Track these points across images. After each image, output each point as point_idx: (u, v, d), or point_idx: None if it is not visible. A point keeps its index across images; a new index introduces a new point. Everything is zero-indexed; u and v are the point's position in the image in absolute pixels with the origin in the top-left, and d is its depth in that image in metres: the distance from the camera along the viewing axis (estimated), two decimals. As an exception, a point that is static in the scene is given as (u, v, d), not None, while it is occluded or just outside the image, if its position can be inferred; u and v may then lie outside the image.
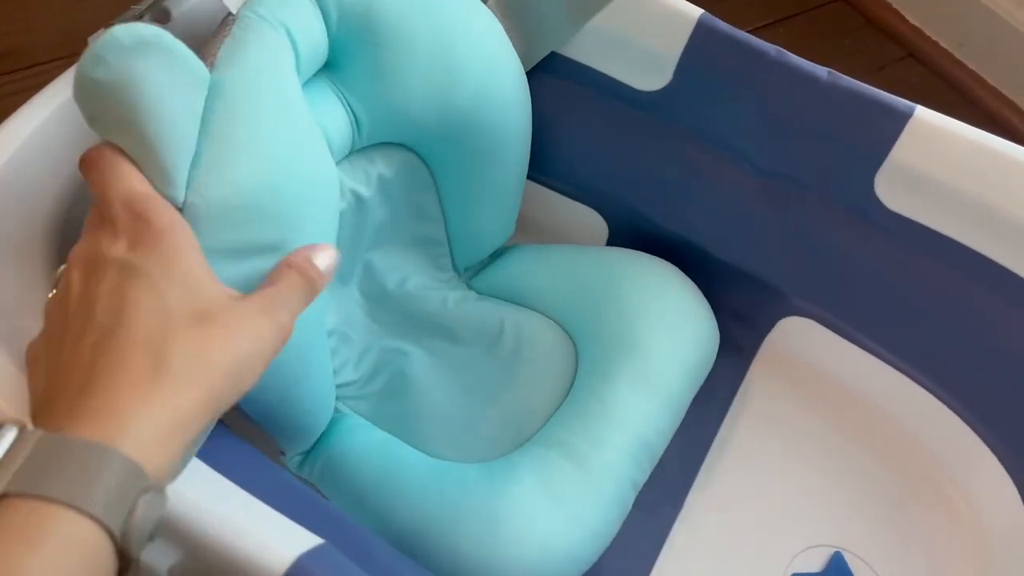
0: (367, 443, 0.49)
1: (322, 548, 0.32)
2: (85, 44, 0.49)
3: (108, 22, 0.50)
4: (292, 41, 0.42)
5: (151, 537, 0.27)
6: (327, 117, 0.47)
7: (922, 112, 0.50)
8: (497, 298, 0.59)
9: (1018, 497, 0.54)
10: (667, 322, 0.54)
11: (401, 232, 0.56)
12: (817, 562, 0.54)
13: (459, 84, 0.49)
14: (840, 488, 0.57)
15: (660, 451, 0.51)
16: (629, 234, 0.63)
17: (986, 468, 0.56)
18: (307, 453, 0.49)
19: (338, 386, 0.52)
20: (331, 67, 0.48)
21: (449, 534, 0.45)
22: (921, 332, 0.56)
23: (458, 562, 0.44)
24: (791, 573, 0.53)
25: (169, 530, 0.31)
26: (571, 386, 0.53)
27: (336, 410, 0.51)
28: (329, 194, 0.43)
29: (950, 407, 0.57)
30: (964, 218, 0.50)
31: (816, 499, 0.57)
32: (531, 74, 0.55)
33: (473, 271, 0.60)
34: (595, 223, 0.64)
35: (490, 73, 0.51)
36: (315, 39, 0.44)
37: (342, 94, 0.48)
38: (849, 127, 0.51)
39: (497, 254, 0.61)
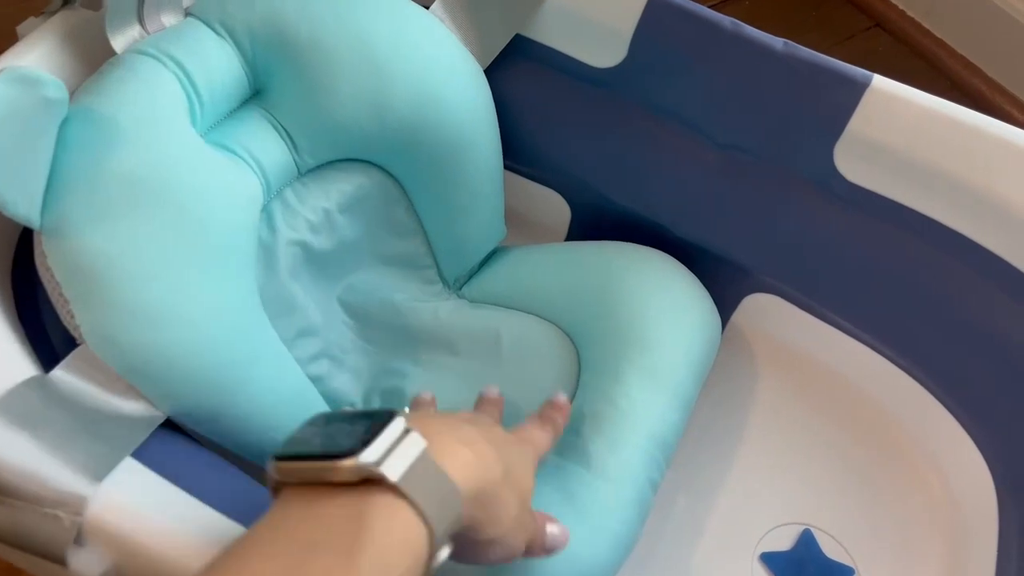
0: None
1: None
2: (14, 36, 0.47)
3: (38, 11, 0.49)
4: (187, 77, 0.42)
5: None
6: (259, 147, 0.46)
7: (880, 81, 0.49)
8: (491, 304, 0.57)
9: (987, 471, 0.54)
10: (670, 314, 0.52)
11: (381, 249, 0.54)
12: (787, 540, 0.54)
13: (393, 88, 0.48)
14: (810, 465, 0.57)
15: (674, 447, 0.50)
16: (592, 215, 0.62)
17: (956, 442, 0.55)
18: None
19: None
20: (260, 94, 0.47)
21: None
22: (886, 305, 0.55)
23: None
24: (760, 552, 0.53)
25: (101, 536, 0.30)
26: (576, 388, 0.52)
27: None
28: (221, 237, 0.41)
29: (918, 380, 0.57)
30: (924, 188, 0.50)
31: (785, 477, 0.56)
32: (486, 55, 0.54)
33: (463, 280, 0.58)
34: (558, 205, 0.63)
35: (427, 73, 0.49)
36: (226, 71, 0.44)
37: (275, 119, 0.47)
38: (806, 98, 0.50)
39: (487, 258, 0.59)
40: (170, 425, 0.39)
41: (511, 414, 0.51)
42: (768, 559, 0.53)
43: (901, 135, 0.49)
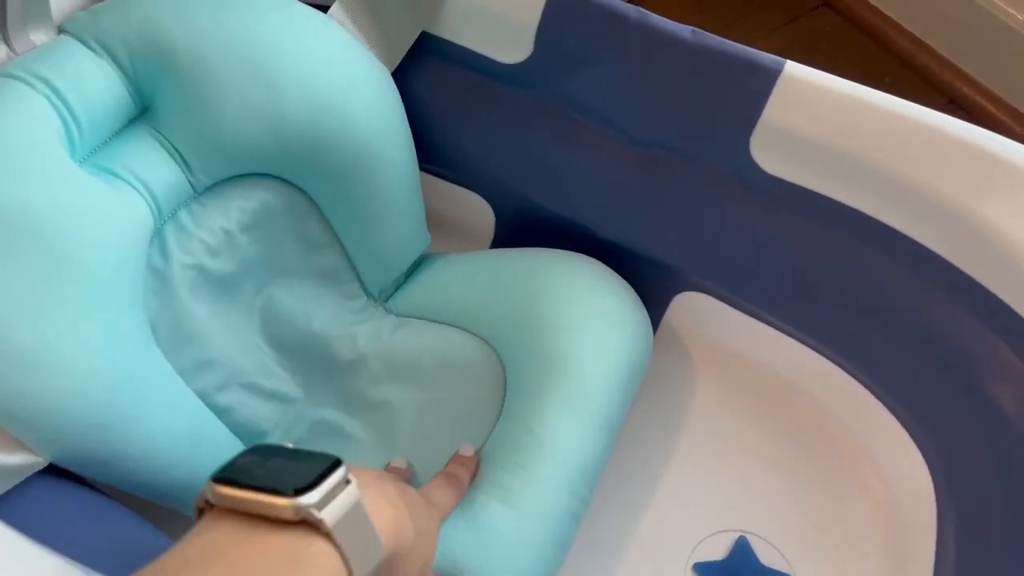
0: None
1: None
2: None
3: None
4: (61, 100, 0.40)
5: None
6: (147, 168, 0.44)
7: (792, 68, 0.46)
8: (418, 318, 0.54)
9: (926, 469, 0.52)
10: (597, 331, 0.49)
11: (294, 266, 0.52)
12: (721, 549, 0.52)
13: (284, 99, 0.45)
14: (745, 469, 0.55)
15: (599, 473, 0.48)
16: (516, 217, 0.60)
17: (895, 439, 0.53)
18: None
19: None
20: (147, 112, 0.45)
21: None
22: (812, 298, 0.53)
23: None
24: (693, 563, 0.51)
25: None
26: (500, 411, 0.50)
27: None
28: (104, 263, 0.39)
29: (855, 377, 0.55)
30: (842, 177, 0.47)
31: (719, 483, 0.54)
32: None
33: (389, 291, 0.55)
34: (481, 208, 0.61)
35: (322, 79, 0.47)
36: (105, 90, 0.42)
37: (163, 137, 0.45)
38: (719, 88, 0.48)
39: (414, 267, 0.56)
40: (56, 469, 0.37)
41: (438, 448, 0.49)
42: (702, 569, 0.51)
43: (817, 123, 0.46)
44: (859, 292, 0.51)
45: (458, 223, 0.61)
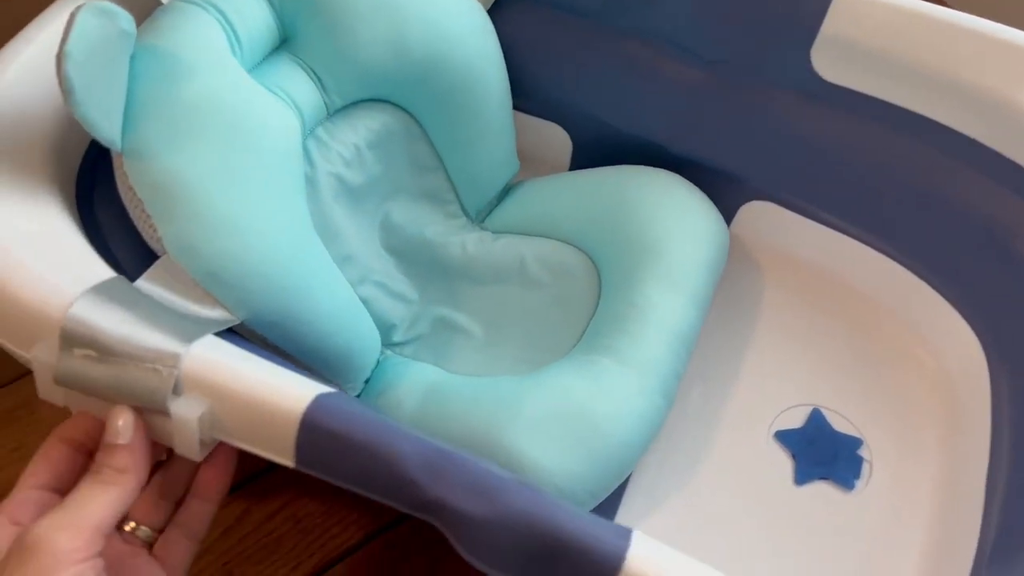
0: (417, 375, 0.52)
1: (339, 393, 0.35)
2: None
3: None
4: (228, 24, 0.46)
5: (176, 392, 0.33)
6: (293, 87, 0.51)
7: (849, -18, 0.53)
8: (513, 233, 0.62)
9: (978, 345, 0.58)
10: (680, 224, 0.57)
11: (406, 187, 0.59)
12: (798, 419, 0.58)
13: (408, 27, 0.53)
14: (814, 353, 0.61)
15: (693, 343, 0.55)
16: (593, 143, 0.66)
17: (948, 321, 0.60)
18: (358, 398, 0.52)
19: (386, 345, 0.56)
20: (287, 42, 0.52)
21: (510, 435, 0.47)
22: (876, 199, 0.59)
23: (521, 459, 0.46)
24: (774, 431, 0.57)
25: (196, 384, 0.34)
26: (598, 303, 0.57)
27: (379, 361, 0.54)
28: (277, 156, 0.45)
29: (912, 270, 0.61)
30: (897, 80, 0.54)
31: (791, 365, 0.60)
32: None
33: (484, 213, 0.63)
34: (560, 137, 0.67)
35: (439, 11, 0.54)
36: (259, 19, 0.49)
37: (303, 62, 0.52)
38: (779, 4, 0.55)
39: (505, 192, 0.64)
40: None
41: (544, 333, 0.57)
42: (782, 437, 0.57)
43: (873, 33, 0.53)
44: (914, 186, 0.57)
45: (537, 154, 0.68)
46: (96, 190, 0.47)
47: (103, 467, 0.33)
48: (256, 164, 0.43)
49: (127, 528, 0.38)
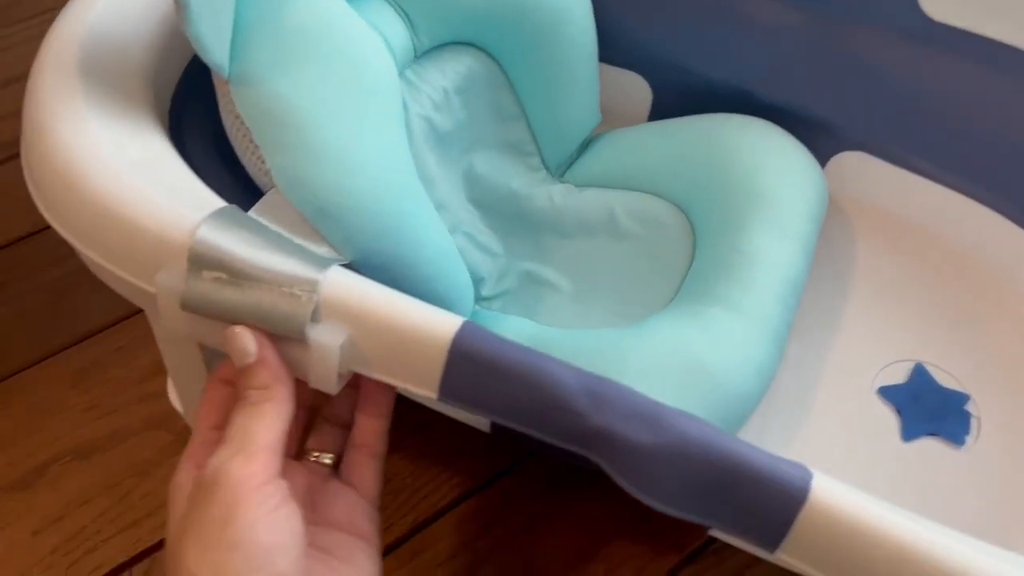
0: (512, 329, 0.50)
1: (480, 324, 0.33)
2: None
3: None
4: None
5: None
6: (385, 26, 0.48)
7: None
8: (597, 187, 0.59)
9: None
10: (784, 171, 0.54)
11: (489, 137, 0.56)
12: (900, 375, 0.56)
13: None
14: (909, 309, 0.59)
15: (801, 291, 0.52)
16: (673, 92, 0.64)
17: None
18: None
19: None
20: None
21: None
22: (978, 147, 0.57)
23: None
24: (878, 386, 0.55)
25: (335, 310, 0.32)
26: (693, 257, 0.54)
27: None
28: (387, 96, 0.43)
29: (1015, 222, 0.58)
30: (1010, 17, 0.52)
31: (891, 321, 0.58)
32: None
33: (564, 167, 0.60)
34: (639, 87, 0.65)
35: None
36: None
37: (394, 1, 0.49)
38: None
39: (584, 146, 0.61)
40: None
41: (639, 285, 0.54)
42: (886, 392, 0.55)
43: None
44: (1020, 132, 0.55)
45: (613, 106, 0.65)
46: (184, 126, 0.45)
47: (246, 391, 0.32)
48: (365, 95, 0.40)
49: (308, 458, 0.38)
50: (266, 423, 0.31)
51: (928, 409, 0.54)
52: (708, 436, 0.29)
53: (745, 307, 0.48)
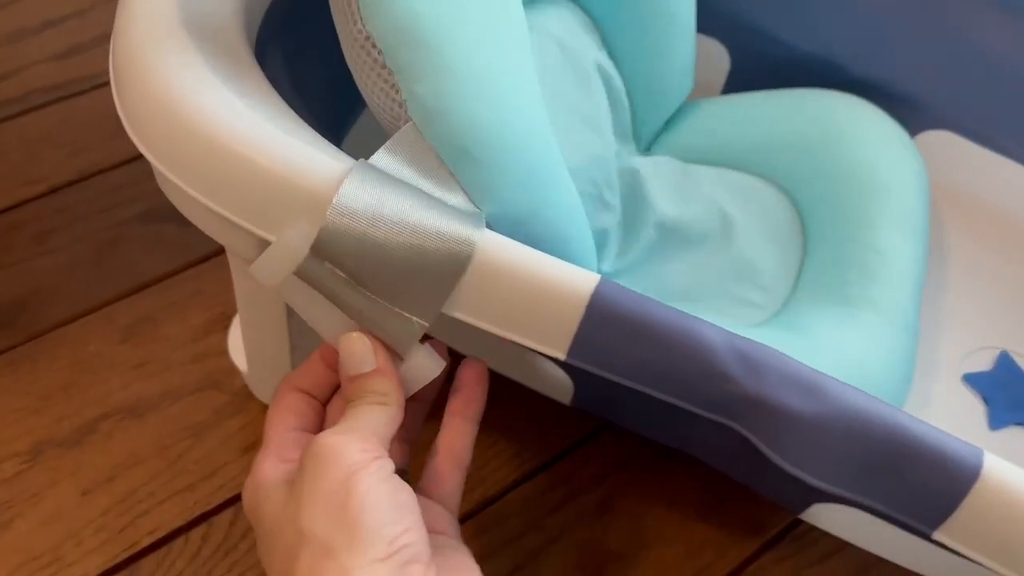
0: None
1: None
2: None
3: None
4: None
5: None
6: None
7: None
8: (692, 162, 0.55)
9: None
10: (898, 161, 0.52)
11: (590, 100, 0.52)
12: (985, 362, 0.54)
13: None
14: (993, 295, 0.56)
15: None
16: (754, 62, 0.61)
17: None
18: None
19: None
20: None
21: None
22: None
23: None
24: (963, 373, 0.53)
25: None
26: (804, 238, 0.52)
27: None
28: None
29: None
30: None
31: (972, 306, 0.56)
32: None
33: (651, 138, 0.56)
34: (715, 55, 0.62)
35: None
36: None
37: None
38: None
39: (672, 116, 0.57)
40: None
41: (753, 271, 0.51)
42: (972, 380, 0.53)
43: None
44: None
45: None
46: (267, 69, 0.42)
47: (363, 393, 0.32)
48: (507, 25, 0.36)
49: None
50: (381, 420, 0.31)
51: (1016, 398, 0.52)
52: (874, 407, 0.27)
53: (892, 311, 0.47)
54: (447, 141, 0.32)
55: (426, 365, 0.33)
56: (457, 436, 0.36)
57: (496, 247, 0.30)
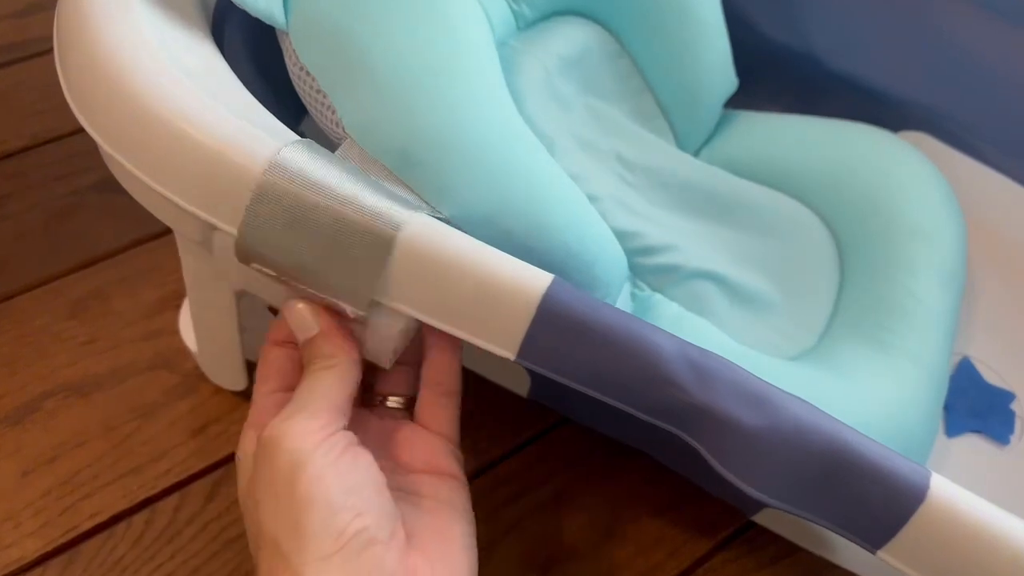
0: (671, 316, 0.45)
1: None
2: None
3: None
4: None
5: None
6: None
7: None
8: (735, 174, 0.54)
9: None
10: (940, 205, 0.51)
11: (616, 103, 0.51)
12: (946, 368, 0.54)
13: None
14: (963, 302, 0.57)
15: None
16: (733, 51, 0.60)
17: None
18: None
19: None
20: None
21: None
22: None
23: None
24: (924, 378, 0.53)
25: (414, 259, 0.29)
26: (840, 270, 0.51)
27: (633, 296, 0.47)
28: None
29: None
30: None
31: (937, 311, 0.56)
32: None
33: (700, 145, 0.55)
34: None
35: None
36: None
37: None
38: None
39: (719, 124, 0.56)
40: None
41: (795, 302, 0.50)
42: (932, 385, 0.53)
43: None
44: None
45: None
46: (226, 43, 0.41)
47: (312, 359, 0.32)
48: (451, 31, 0.35)
49: (377, 403, 0.37)
50: (331, 386, 0.31)
51: (974, 405, 0.52)
52: (823, 423, 0.27)
53: (928, 362, 0.46)
54: (386, 149, 0.32)
55: (387, 322, 0.32)
56: (440, 367, 0.36)
57: (433, 234, 0.29)
